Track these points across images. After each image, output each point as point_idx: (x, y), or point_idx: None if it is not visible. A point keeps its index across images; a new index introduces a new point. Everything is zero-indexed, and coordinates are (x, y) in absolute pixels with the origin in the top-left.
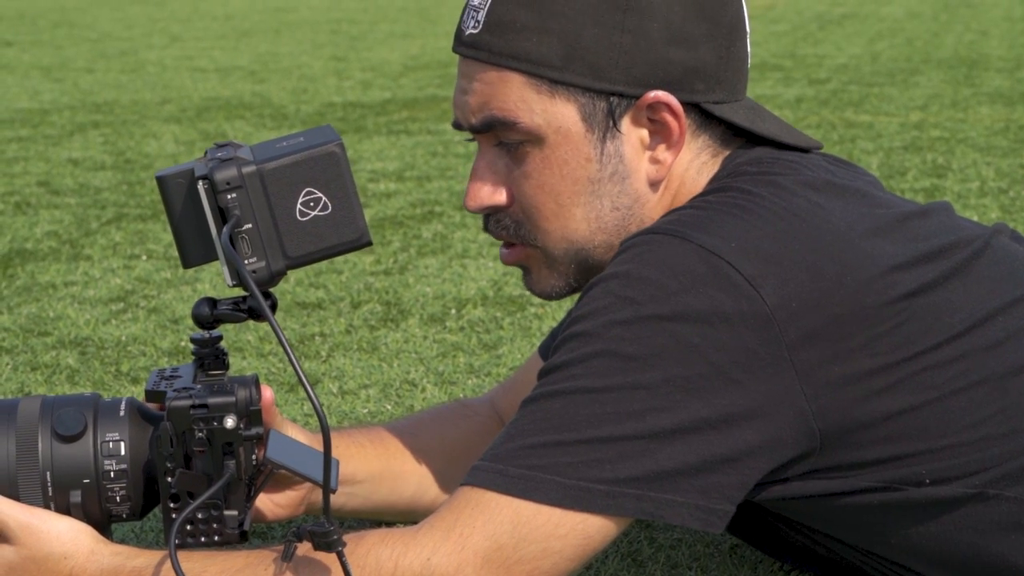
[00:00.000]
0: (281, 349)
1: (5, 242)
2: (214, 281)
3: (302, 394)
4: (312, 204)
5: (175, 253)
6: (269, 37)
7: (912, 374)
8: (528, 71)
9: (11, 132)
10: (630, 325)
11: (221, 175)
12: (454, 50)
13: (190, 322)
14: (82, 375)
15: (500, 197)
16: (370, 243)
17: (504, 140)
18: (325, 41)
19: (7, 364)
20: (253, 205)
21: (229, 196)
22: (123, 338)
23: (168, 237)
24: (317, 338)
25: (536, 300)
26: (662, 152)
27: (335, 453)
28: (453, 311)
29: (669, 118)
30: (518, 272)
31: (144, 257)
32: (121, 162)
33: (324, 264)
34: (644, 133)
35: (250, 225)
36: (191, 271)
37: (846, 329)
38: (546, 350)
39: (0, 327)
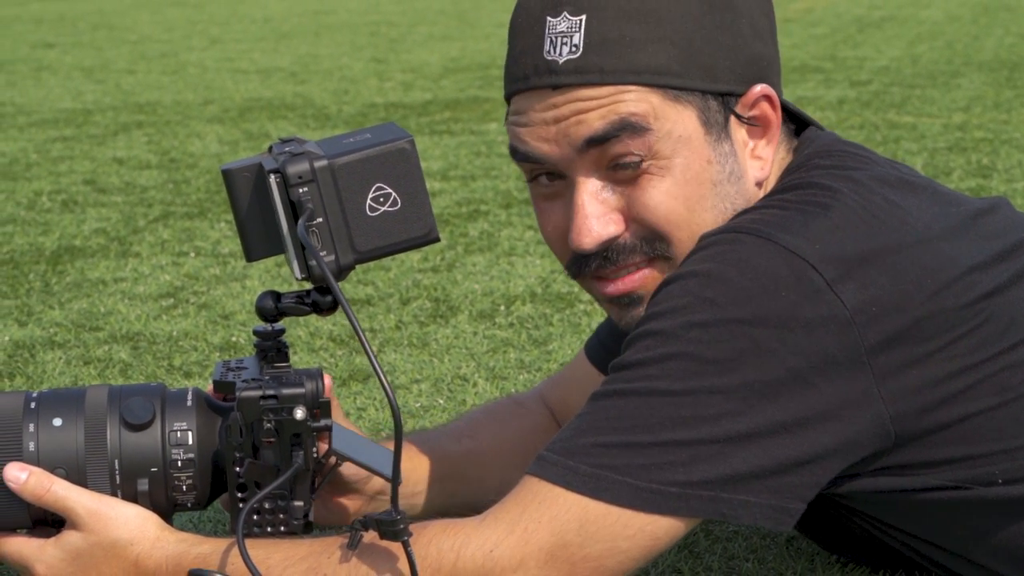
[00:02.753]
0: (334, 345)
1: (54, 239)
2: (262, 278)
3: (353, 388)
4: (382, 199)
5: (223, 250)
6: (308, 39)
7: (989, 376)
8: (651, 83)
9: (56, 132)
10: (709, 328)
11: (293, 169)
12: (539, 85)
13: (240, 317)
14: (135, 369)
15: (616, 226)
16: (438, 239)
17: (625, 156)
18: (364, 43)
19: (60, 358)
20: (324, 199)
21: (301, 190)
22: (174, 333)
23: (216, 234)
24: (368, 333)
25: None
26: (762, 148)
27: None
28: (502, 307)
29: (769, 111)
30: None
31: (192, 254)
32: (166, 161)
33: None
34: (744, 132)
35: (320, 219)
36: (240, 268)
37: (926, 333)
38: (592, 348)
39: (52, 322)
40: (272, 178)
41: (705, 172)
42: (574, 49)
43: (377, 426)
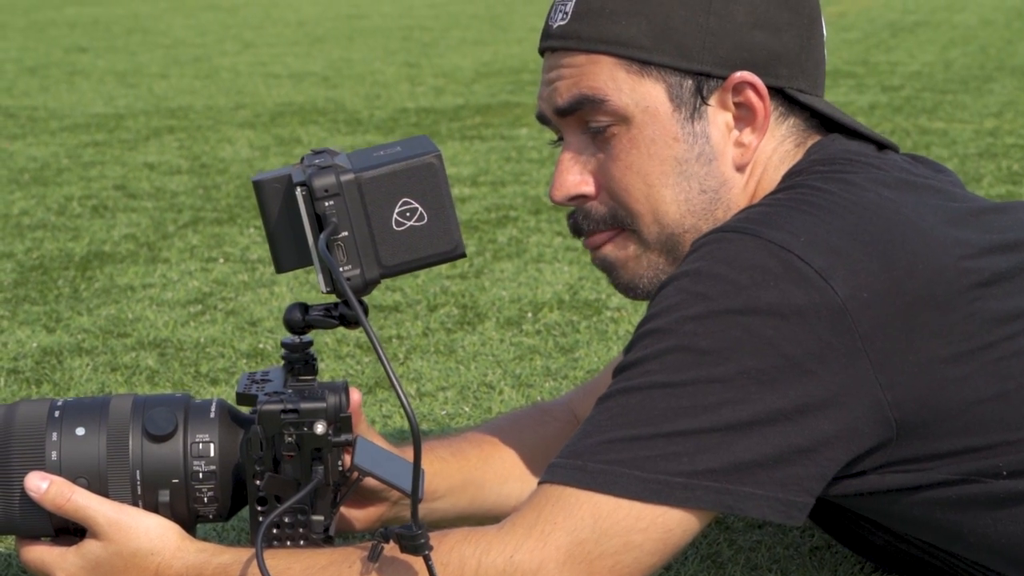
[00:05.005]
0: (361, 352)
1: (83, 244)
2: (290, 284)
3: (380, 395)
4: (408, 214)
5: (252, 256)
6: (342, 44)
7: (987, 363)
8: (618, 53)
9: (87, 136)
10: (703, 320)
11: (320, 182)
12: (541, 48)
13: (267, 324)
14: (162, 376)
15: (587, 186)
16: (464, 255)
17: (592, 123)
18: (397, 48)
19: (88, 365)
20: (350, 213)
21: (327, 203)
22: (201, 339)
23: (244, 240)
24: (394, 340)
25: (612, 303)
26: (747, 135)
27: None
28: (529, 314)
29: (754, 98)
30: (594, 276)
31: (221, 260)
32: (197, 166)
33: None
34: (729, 117)
35: (346, 233)
36: (268, 274)
37: (919, 317)
38: None
39: (80, 328)
40: (299, 191)
41: (669, 148)
42: (564, 16)
43: (402, 434)
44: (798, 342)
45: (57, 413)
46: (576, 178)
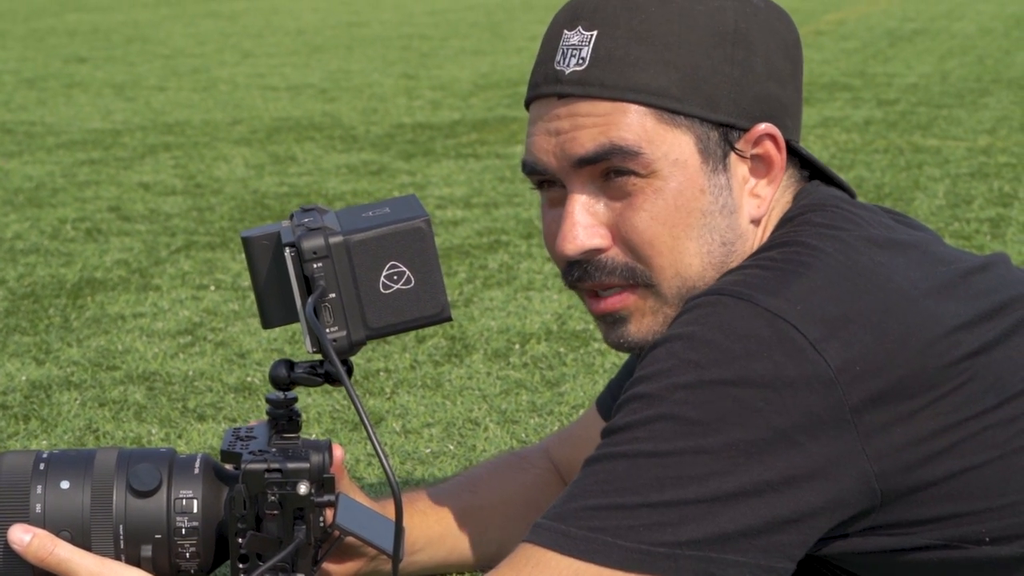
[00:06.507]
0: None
1: (76, 271)
2: None
3: (364, 433)
4: (396, 277)
5: (243, 283)
6: (340, 53)
7: (974, 434)
8: (648, 102)
9: (83, 154)
10: (694, 389)
11: (308, 244)
12: (546, 93)
13: (256, 356)
14: (149, 412)
15: (602, 239)
16: (450, 319)
17: (618, 168)
18: (396, 58)
19: (76, 400)
20: (338, 275)
21: (315, 265)
22: (190, 373)
23: (237, 266)
24: (382, 374)
25: (600, 335)
26: (762, 187)
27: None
28: (517, 346)
29: (773, 150)
30: (582, 305)
31: (212, 287)
32: (191, 187)
33: None
34: (746, 169)
35: (334, 295)
36: None
37: (909, 391)
38: (603, 404)
39: (70, 360)
40: (288, 251)
41: (696, 200)
42: (580, 61)
43: (385, 480)
44: (787, 414)
45: (42, 466)
46: (589, 230)
